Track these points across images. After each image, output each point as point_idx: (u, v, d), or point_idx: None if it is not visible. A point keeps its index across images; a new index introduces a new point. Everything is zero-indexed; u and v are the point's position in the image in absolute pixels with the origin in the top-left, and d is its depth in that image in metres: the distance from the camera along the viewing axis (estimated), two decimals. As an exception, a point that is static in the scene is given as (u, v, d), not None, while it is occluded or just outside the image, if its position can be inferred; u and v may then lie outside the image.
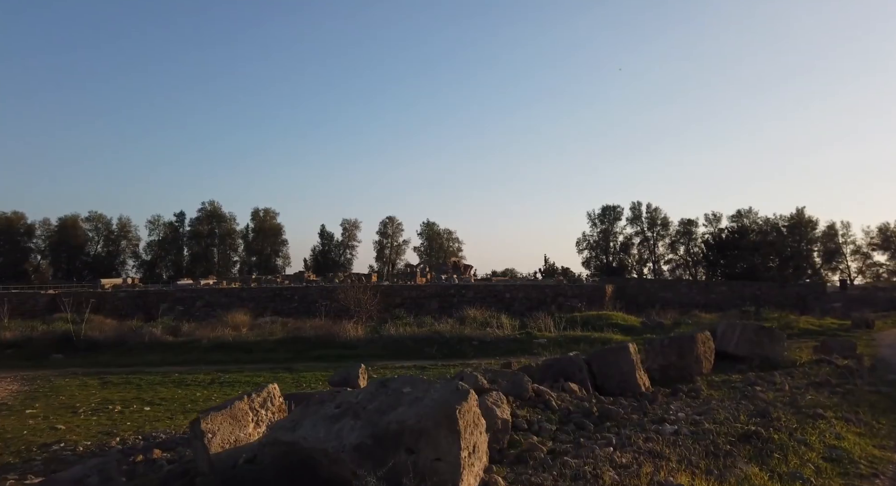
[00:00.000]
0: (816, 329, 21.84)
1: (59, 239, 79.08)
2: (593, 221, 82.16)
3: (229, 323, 18.10)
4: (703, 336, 9.62)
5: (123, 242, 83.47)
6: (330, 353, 14.38)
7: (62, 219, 79.96)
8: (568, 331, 16.87)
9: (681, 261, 78.04)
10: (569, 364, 7.64)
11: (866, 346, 14.87)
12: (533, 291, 40.20)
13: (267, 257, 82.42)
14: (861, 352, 12.57)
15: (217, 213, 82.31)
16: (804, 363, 10.16)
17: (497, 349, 14.80)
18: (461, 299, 39.70)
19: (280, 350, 14.61)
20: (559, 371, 7.56)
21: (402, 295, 39.69)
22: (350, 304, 21.96)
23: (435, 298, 39.94)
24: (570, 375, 7.46)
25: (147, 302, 37.84)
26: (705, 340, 9.53)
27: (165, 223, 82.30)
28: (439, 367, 12.64)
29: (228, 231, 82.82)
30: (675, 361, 8.91)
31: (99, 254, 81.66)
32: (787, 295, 47.97)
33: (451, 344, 15.16)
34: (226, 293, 39.08)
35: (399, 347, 14.76)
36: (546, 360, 8.34)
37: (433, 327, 16.42)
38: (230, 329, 16.65)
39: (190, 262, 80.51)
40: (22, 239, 79.59)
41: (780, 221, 71.49)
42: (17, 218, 79.65)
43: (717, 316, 23.63)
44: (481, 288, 39.97)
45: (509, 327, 17.34)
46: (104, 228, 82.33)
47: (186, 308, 37.80)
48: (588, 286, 40.73)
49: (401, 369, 12.43)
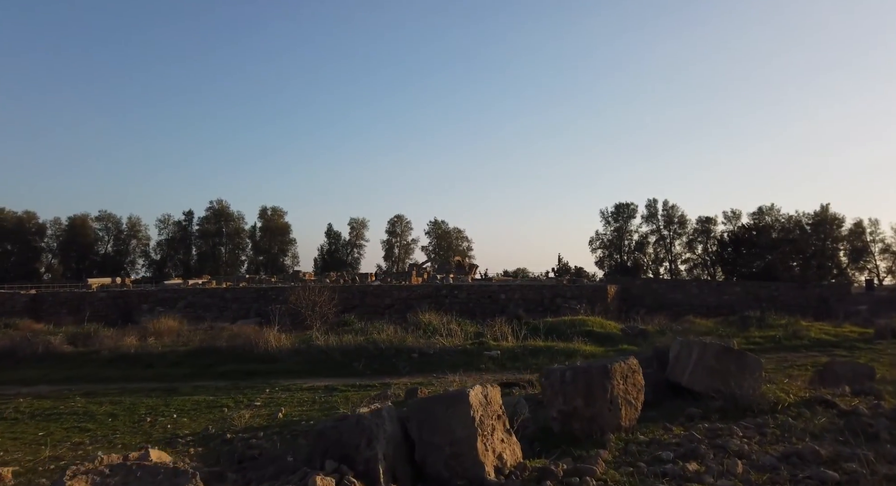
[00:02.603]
0: (831, 339, 18.92)
1: (68, 238, 79.35)
2: (607, 220, 79.69)
3: (151, 330, 16.54)
4: (625, 367, 6.02)
5: (133, 241, 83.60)
6: (240, 368, 12.60)
7: (72, 218, 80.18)
8: (529, 341, 14.85)
9: (698, 260, 75.05)
10: (351, 435, 4.29)
11: (890, 367, 11.80)
12: (530, 292, 38.12)
13: (274, 257, 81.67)
14: (882, 376, 9.33)
15: (225, 212, 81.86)
16: (790, 405, 6.48)
17: (440, 363, 12.91)
18: (453, 300, 37.86)
19: (185, 364, 12.89)
20: (337, 447, 4.29)
21: (391, 296, 38.01)
22: (302, 307, 20.31)
23: (426, 299, 38.11)
24: (351, 455, 4.20)
25: (128, 303, 36.77)
26: (627, 373, 6.03)
27: (174, 222, 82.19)
28: (352, 390, 10.77)
29: (236, 230, 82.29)
30: (581, 406, 5.70)
31: (109, 253, 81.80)
32: (807, 296, 44.96)
33: (386, 357, 13.26)
34: (209, 294, 37.83)
35: (326, 360, 12.95)
36: (319, 426, 4.82)
37: (371, 335, 14.55)
38: (152, 337, 15.09)
39: (198, 261, 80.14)
40: (33, 238, 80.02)
41: (804, 219, 68.19)
42: (28, 217, 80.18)
43: (714, 322, 21.10)
44: (475, 289, 38.02)
45: (461, 335, 15.41)
46: (114, 227, 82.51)
47: (167, 310, 36.60)
48: (589, 287, 38.44)
49: (306, 391, 10.61)
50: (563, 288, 38.38)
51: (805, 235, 66.61)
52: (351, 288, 38.72)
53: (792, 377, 8.67)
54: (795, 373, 12.48)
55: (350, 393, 10.33)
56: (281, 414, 8.65)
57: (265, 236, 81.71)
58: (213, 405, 9.62)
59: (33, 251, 79.86)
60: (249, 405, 9.39)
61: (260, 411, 9.05)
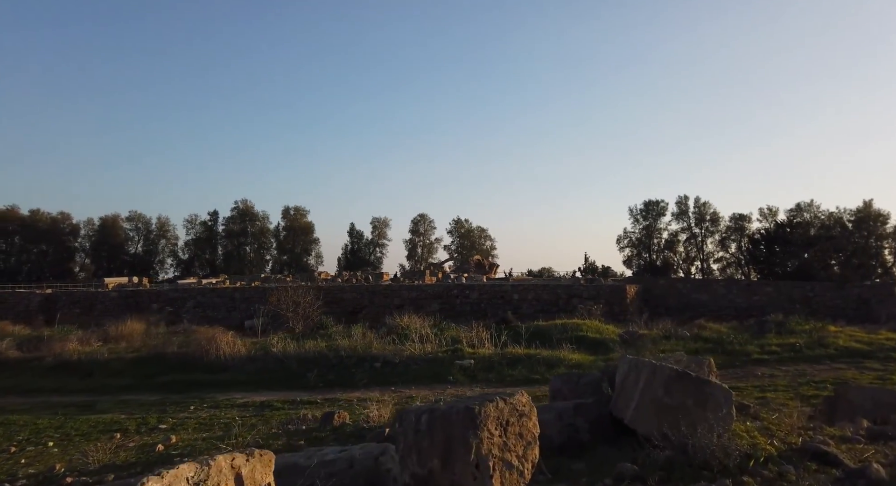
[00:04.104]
0: (863, 348, 16.32)
1: (100, 238, 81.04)
2: (635, 217, 77.05)
3: (113, 334, 15.85)
4: (504, 410, 4.22)
5: (163, 241, 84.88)
6: (183, 379, 11.71)
7: (103, 218, 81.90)
8: (509, 348, 13.52)
9: (732, 259, 72.00)
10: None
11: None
12: (544, 292, 36.73)
13: (298, 256, 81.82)
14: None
15: (250, 211, 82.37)
16: (770, 459, 4.58)
17: (403, 374, 11.79)
18: (465, 300, 36.80)
19: (126, 373, 12.02)
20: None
21: (401, 296, 37.14)
22: (283, 309, 19.48)
23: (436, 299, 37.15)
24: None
25: (139, 303, 36.80)
26: (509, 418, 4.22)
27: (201, 222, 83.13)
28: (289, 407, 9.71)
29: (261, 230, 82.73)
30: (437, 470, 4.04)
31: (139, 253, 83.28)
32: (846, 297, 42.22)
33: (346, 366, 12.12)
34: (219, 294, 37.63)
35: (279, 369, 11.94)
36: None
37: (335, 341, 13.45)
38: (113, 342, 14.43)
39: (224, 260, 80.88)
40: (67, 239, 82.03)
41: (846, 215, 64.61)
42: (63, 218, 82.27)
43: (728, 327, 19.21)
44: (487, 289, 36.82)
45: (435, 341, 14.14)
46: (144, 227, 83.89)
47: (176, 309, 36.55)
48: (607, 287, 36.78)
49: (237, 409, 9.57)
50: (580, 288, 36.84)
51: (846, 232, 63.13)
52: (360, 288, 37.99)
53: (787, 411, 6.33)
54: (809, 392, 10.73)
55: (276, 412, 9.26)
56: (161, 447, 7.59)
57: (289, 236, 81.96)
58: (110, 427, 8.76)
59: (68, 251, 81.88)
60: (153, 429, 8.46)
61: (149, 437, 8.03)
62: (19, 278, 66.17)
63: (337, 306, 35.14)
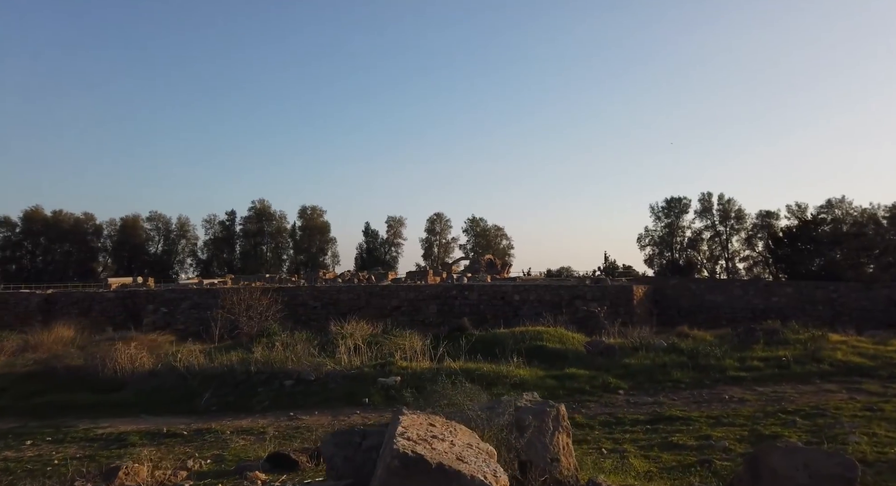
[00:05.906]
0: (865, 363, 13.69)
1: (121, 238, 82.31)
2: (656, 215, 74.67)
3: (32, 342, 15.12)
4: None
5: (183, 241, 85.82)
6: (63, 399, 10.47)
7: (124, 219, 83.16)
8: (447, 362, 12.19)
9: (758, 258, 69.05)
10: None
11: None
12: (546, 293, 35.33)
13: (314, 256, 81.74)
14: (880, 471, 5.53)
15: (266, 211, 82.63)
16: None
17: (317, 394, 10.53)
18: (464, 301, 35.63)
19: (8, 392, 10.73)
20: None
21: (399, 297, 36.19)
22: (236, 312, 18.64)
23: (434, 300, 36.08)
24: None
25: (136, 303, 36.66)
26: None
27: (219, 222, 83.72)
28: (147, 441, 8.31)
29: (278, 229, 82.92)
30: None
31: (159, 253, 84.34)
32: (873, 299, 39.67)
33: (252, 384, 10.75)
34: (214, 294, 37.19)
35: (175, 388, 10.62)
36: None
37: (249, 354, 12.16)
38: (31, 351, 13.62)
39: (241, 260, 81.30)
40: (91, 239, 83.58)
41: (880, 211, 61.19)
42: (86, 218, 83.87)
43: (714, 335, 17.42)
44: (487, 289, 35.59)
45: (367, 353, 12.64)
46: (164, 227, 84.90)
47: (170, 310, 36.24)
48: (613, 288, 35.14)
49: (75, 444, 8.27)
50: (584, 289, 35.32)
51: (881, 229, 59.74)
52: (357, 289, 37.14)
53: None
54: (768, 430, 8.54)
55: (116, 452, 7.93)
56: None
57: (305, 236, 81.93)
58: None
59: (91, 251, 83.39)
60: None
61: None
62: (45, 277, 67.53)
63: (334, 308, 34.38)
